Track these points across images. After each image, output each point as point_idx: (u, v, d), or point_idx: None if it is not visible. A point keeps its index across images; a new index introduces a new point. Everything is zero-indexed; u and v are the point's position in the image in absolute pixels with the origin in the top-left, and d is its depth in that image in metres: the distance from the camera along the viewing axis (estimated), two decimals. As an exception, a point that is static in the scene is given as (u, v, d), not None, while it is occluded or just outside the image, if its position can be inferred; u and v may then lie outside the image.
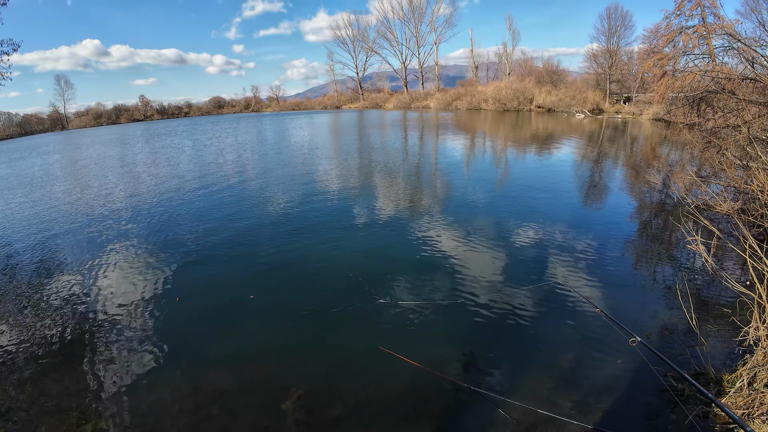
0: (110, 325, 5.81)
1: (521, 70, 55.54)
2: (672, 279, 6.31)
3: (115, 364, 4.94)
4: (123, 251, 8.63)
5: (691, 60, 26.35)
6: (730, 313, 5.09)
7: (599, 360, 4.55)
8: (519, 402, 3.92)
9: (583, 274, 6.55)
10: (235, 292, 6.56)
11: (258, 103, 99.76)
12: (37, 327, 5.95)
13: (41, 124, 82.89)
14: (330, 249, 8.06)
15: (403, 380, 4.38)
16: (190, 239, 9.02)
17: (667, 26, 27.76)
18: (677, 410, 3.73)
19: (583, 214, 9.83)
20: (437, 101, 60.04)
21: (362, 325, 5.47)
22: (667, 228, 8.62)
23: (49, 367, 5.00)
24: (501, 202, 10.91)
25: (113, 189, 15.32)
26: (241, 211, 10.98)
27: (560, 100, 43.99)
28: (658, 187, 11.86)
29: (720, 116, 9.71)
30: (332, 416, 3.94)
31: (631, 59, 42.83)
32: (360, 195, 12.18)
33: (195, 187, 14.39)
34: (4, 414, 4.25)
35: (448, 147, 22.28)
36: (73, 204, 13.27)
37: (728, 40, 18.91)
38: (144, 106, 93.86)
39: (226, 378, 4.56)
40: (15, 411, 4.28)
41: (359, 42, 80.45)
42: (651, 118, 32.96)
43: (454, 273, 6.75)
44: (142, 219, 10.86)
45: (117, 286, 7.03)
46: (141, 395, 4.39)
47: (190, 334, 5.54)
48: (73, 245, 9.24)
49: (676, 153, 17.59)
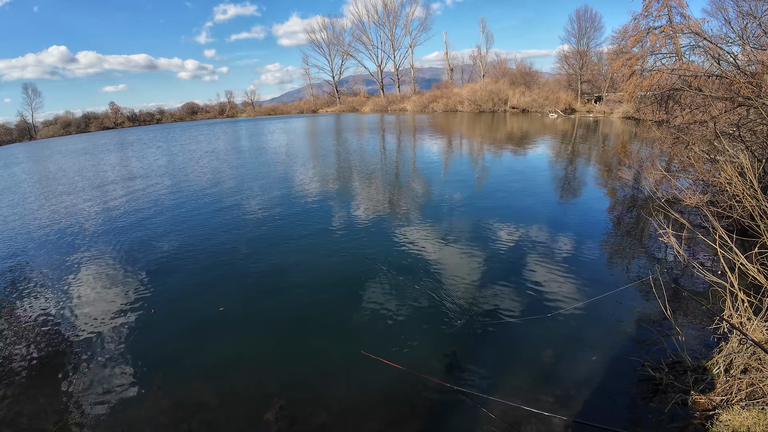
0: (84, 341, 5.58)
1: (495, 72, 56.46)
2: (646, 271, 6.45)
3: (92, 380, 4.74)
4: (95, 264, 8.33)
5: (658, 59, 27.30)
6: (704, 302, 5.22)
7: (578, 354, 4.60)
8: (502, 399, 3.92)
9: (560, 270, 6.64)
10: (211, 302, 6.38)
11: (233, 109, 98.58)
12: (8, 345, 5.67)
13: (9, 135, 79.96)
14: (307, 255, 7.96)
15: (386, 383, 4.33)
16: (164, 250, 8.77)
17: (635, 27, 28.71)
18: (656, 399, 3.79)
19: (558, 211, 9.98)
20: (414, 104, 60.43)
21: (343, 330, 5.40)
22: (639, 222, 8.83)
23: (23, 386, 4.77)
24: (477, 202, 11.00)
25: (82, 201, 14.80)
26: (215, 219, 10.74)
27: (534, 101, 44.85)
28: (630, 183, 12.16)
29: (687, 113, 10.02)
30: (316, 424, 3.86)
31: (601, 60, 44.09)
32: (337, 199, 12.09)
33: (168, 196, 14.03)
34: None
35: (425, 149, 22.40)
36: (43, 216, 12.76)
37: (695, 39, 19.62)
38: (114, 113, 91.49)
39: (206, 390, 4.42)
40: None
41: (335, 45, 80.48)
42: (621, 117, 33.90)
43: (432, 274, 6.74)
44: (113, 230, 10.51)
45: (89, 300, 6.77)
46: (119, 411, 4.22)
47: (166, 346, 5.36)
48: (44, 259, 8.87)
49: (646, 149, 18.09)
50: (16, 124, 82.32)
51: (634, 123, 28.50)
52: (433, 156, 19.79)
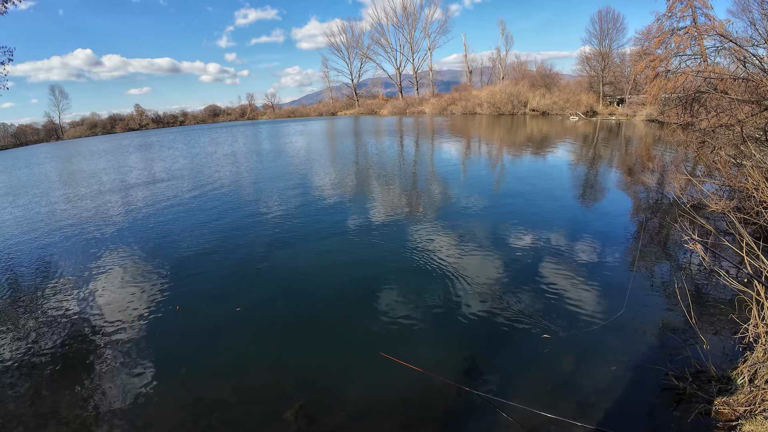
0: (108, 337, 5.76)
1: (515, 74, 56.01)
2: (670, 278, 6.33)
3: (114, 375, 4.89)
4: (117, 262, 8.58)
5: (683, 61, 26.67)
6: (729, 311, 5.10)
7: (600, 361, 4.54)
8: (521, 405, 3.90)
9: (582, 276, 6.56)
10: (233, 301, 6.51)
11: (253, 111, 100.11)
12: (35, 339, 5.89)
13: (36, 135, 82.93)
14: (325, 257, 8.05)
15: (404, 386, 4.36)
16: (187, 249, 8.98)
17: (658, 28, 28.11)
18: (679, 408, 3.73)
19: (579, 216, 9.86)
20: (432, 106, 60.38)
21: (360, 331, 5.44)
22: (663, 227, 8.66)
23: (47, 379, 4.94)
24: (497, 206, 10.94)
25: (109, 200, 15.25)
26: (238, 221, 10.95)
27: (554, 103, 44.34)
28: (654, 188, 11.93)
29: (713, 116, 9.79)
30: (334, 424, 3.91)
31: (624, 61, 43.38)
32: (355, 202, 12.19)
33: (191, 197, 14.36)
34: (3, 426, 4.20)
35: (443, 152, 22.37)
36: (70, 215, 13.20)
37: (719, 41, 19.15)
38: (139, 115, 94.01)
39: (226, 388, 4.52)
40: (14, 423, 4.23)
41: (353, 48, 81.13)
42: (645, 120, 33.23)
43: (451, 278, 6.74)
44: (138, 229, 10.82)
45: (114, 297, 6.98)
46: (140, 406, 4.34)
47: (188, 344, 5.50)
48: (70, 256, 9.17)
49: (671, 153, 17.71)
50: (44, 124, 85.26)
51: (658, 126, 27.90)
52: (451, 159, 19.74)
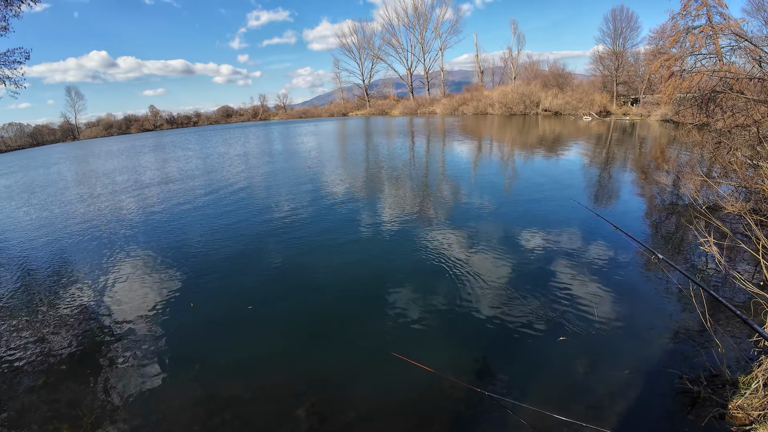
0: (122, 332, 5.87)
1: (527, 74, 55.58)
2: (685, 280, 6.25)
3: (128, 371, 4.99)
4: (134, 259, 8.73)
5: (698, 60, 26.23)
6: (745, 314, 5.03)
7: (613, 364, 4.51)
8: (533, 407, 3.90)
9: (594, 279, 6.51)
10: (245, 300, 6.59)
11: (265, 112, 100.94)
12: (50, 333, 6.03)
13: (52, 135, 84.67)
14: (336, 256, 8.10)
15: (415, 386, 4.38)
16: (200, 248, 9.10)
17: (673, 27, 27.69)
18: (693, 412, 3.70)
19: (592, 217, 9.76)
20: (443, 107, 60.25)
21: (371, 331, 5.47)
22: (678, 229, 8.55)
23: (61, 374, 5.06)
24: (509, 207, 10.89)
25: (123, 199, 15.52)
26: (250, 220, 11.06)
27: (567, 103, 43.95)
28: (669, 189, 11.77)
29: (729, 116, 9.64)
30: (345, 423, 3.95)
31: (638, 61, 42.80)
32: (366, 202, 12.23)
33: (204, 196, 14.55)
34: (18, 420, 4.31)
35: (454, 153, 22.31)
36: (83, 212, 13.47)
37: (735, 40, 18.83)
38: (154, 116, 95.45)
39: (239, 385, 4.59)
40: (28, 417, 4.34)
41: (365, 49, 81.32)
42: (659, 120, 32.79)
43: (462, 279, 6.74)
44: (152, 228, 10.98)
45: (128, 293, 7.10)
46: (155, 401, 4.43)
47: (202, 340, 5.58)
48: (85, 254, 9.35)
49: (686, 154, 17.44)
50: (60, 125, 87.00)
51: (673, 126, 27.49)
52: (462, 160, 19.68)
